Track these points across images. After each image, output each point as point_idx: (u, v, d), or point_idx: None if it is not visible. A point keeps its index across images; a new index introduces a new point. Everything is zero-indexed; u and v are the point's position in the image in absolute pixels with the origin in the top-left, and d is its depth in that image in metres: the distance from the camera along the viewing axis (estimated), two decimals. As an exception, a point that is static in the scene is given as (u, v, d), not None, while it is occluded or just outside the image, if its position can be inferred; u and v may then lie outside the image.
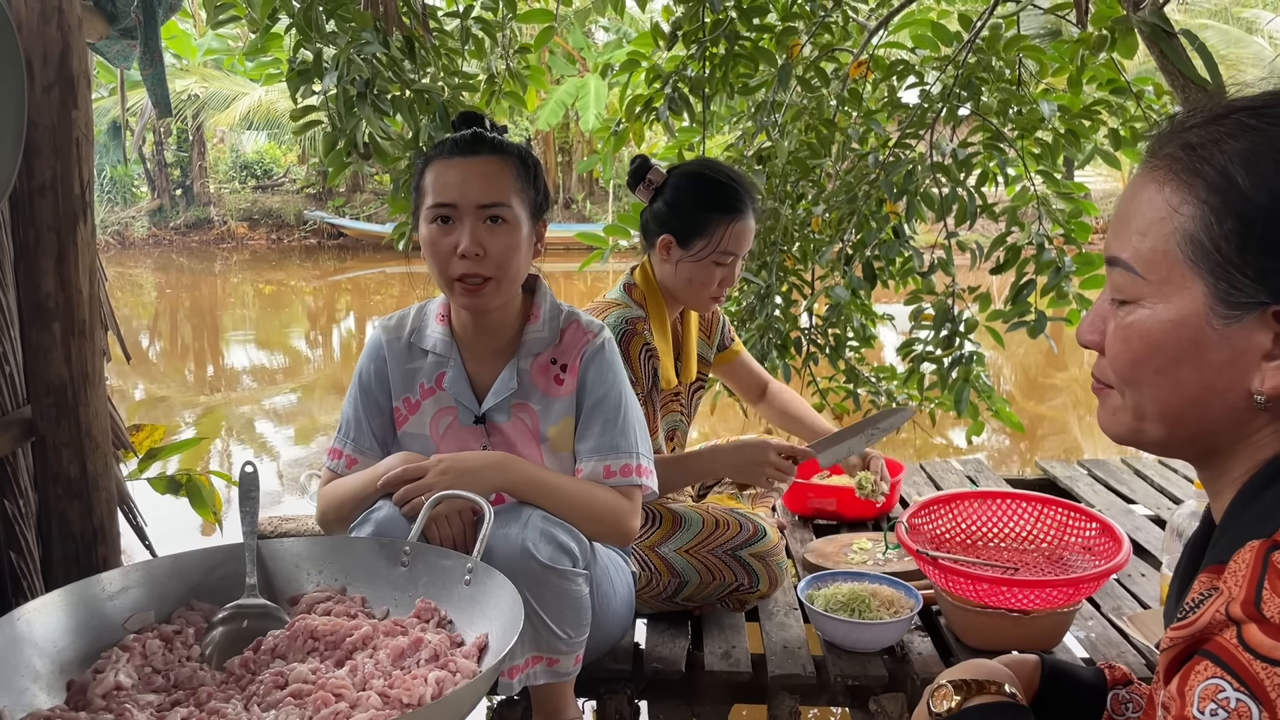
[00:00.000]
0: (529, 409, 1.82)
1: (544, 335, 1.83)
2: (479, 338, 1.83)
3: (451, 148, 1.72)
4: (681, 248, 2.26)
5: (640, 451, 1.82)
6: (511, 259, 1.72)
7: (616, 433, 1.80)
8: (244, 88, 19.12)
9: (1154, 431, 0.90)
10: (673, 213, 2.28)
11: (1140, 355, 0.87)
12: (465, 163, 1.70)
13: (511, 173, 1.72)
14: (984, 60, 3.37)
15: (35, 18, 1.89)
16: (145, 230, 21.15)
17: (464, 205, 1.69)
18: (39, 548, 2.06)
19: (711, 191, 2.26)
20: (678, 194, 2.29)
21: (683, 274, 2.28)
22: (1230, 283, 0.81)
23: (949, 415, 3.68)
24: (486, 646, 1.39)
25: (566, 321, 1.85)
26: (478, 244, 1.68)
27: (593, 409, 1.81)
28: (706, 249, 2.25)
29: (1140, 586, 2.41)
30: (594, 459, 1.79)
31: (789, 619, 2.24)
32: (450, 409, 1.83)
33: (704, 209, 2.25)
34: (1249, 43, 16.36)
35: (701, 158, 3.40)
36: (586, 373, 1.81)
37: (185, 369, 9.62)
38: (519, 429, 1.82)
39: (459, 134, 1.74)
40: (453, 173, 1.70)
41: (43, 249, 1.94)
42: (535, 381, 1.82)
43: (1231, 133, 0.82)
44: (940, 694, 1.05)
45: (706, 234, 2.24)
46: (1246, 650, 0.72)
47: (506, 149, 1.74)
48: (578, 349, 1.82)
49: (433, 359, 1.85)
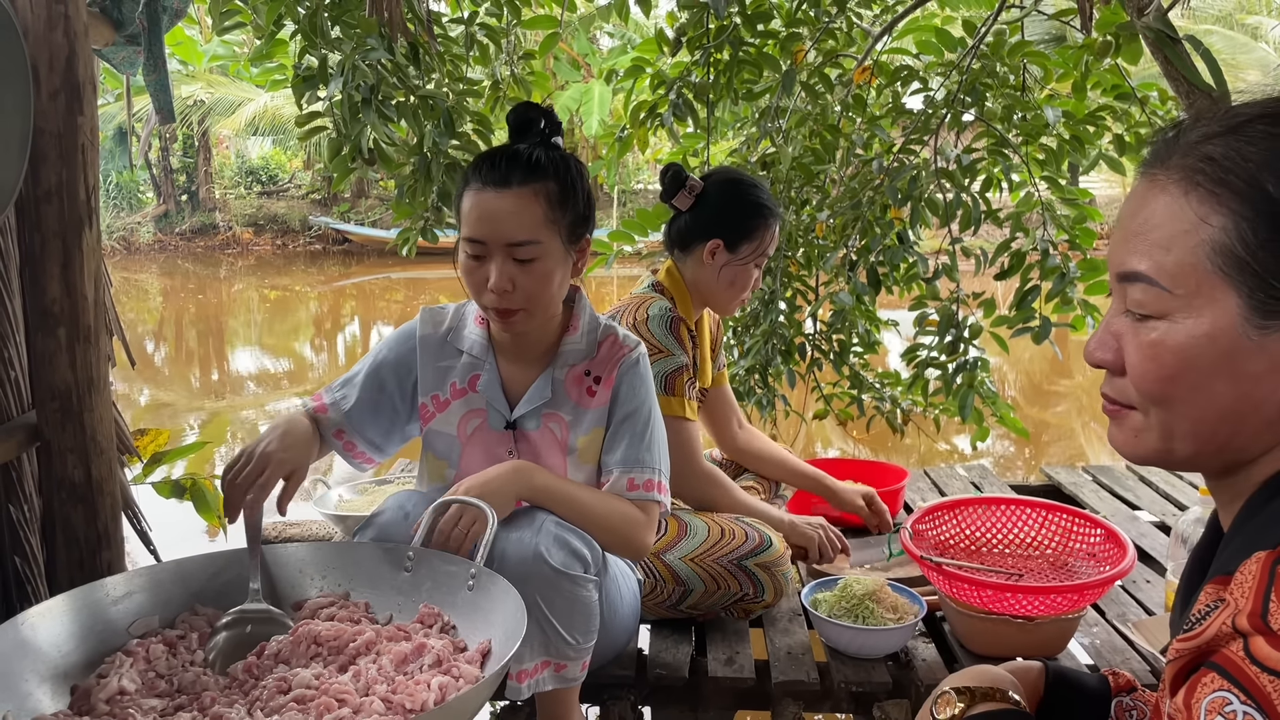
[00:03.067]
0: (559, 419, 1.82)
1: (581, 347, 1.84)
2: (516, 346, 1.83)
3: (487, 173, 1.68)
4: (729, 251, 2.37)
5: (661, 469, 1.83)
6: (542, 293, 1.71)
7: (642, 447, 1.81)
8: (250, 93, 19.18)
9: (1183, 450, 0.88)
10: (722, 218, 2.38)
11: (1172, 371, 0.85)
12: (497, 197, 1.66)
13: (544, 203, 1.68)
14: (988, 66, 3.38)
15: (41, 24, 1.90)
16: (151, 235, 21.20)
17: (493, 243, 1.67)
18: (43, 553, 2.06)
19: (758, 197, 2.39)
20: (725, 199, 2.39)
21: (726, 277, 2.38)
22: (1267, 292, 0.80)
23: (954, 421, 3.68)
24: (490, 652, 1.39)
25: (604, 334, 1.86)
26: (507, 280, 1.67)
27: (622, 421, 1.82)
28: (754, 251, 2.38)
29: (1145, 593, 2.40)
30: (619, 471, 1.80)
31: (793, 625, 2.24)
32: (480, 411, 1.84)
33: (753, 214, 2.37)
34: (1254, 48, 16.35)
35: (722, 165, 3.41)
36: (620, 386, 1.82)
37: (191, 374, 9.63)
38: (547, 438, 1.82)
39: (496, 155, 1.71)
40: (484, 206, 1.67)
41: (48, 255, 1.94)
42: (569, 392, 1.82)
43: (1253, 142, 0.82)
44: (943, 701, 1.04)
45: (755, 238, 2.38)
46: (1253, 663, 0.71)
47: (542, 172, 1.69)
48: (614, 362, 1.83)
49: (467, 360, 1.85)
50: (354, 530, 1.81)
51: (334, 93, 2.65)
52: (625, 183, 20.89)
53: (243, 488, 1.58)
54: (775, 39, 3.47)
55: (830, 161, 3.67)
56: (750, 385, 3.71)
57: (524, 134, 1.77)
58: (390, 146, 2.81)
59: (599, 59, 17.84)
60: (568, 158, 1.75)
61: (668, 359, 2.26)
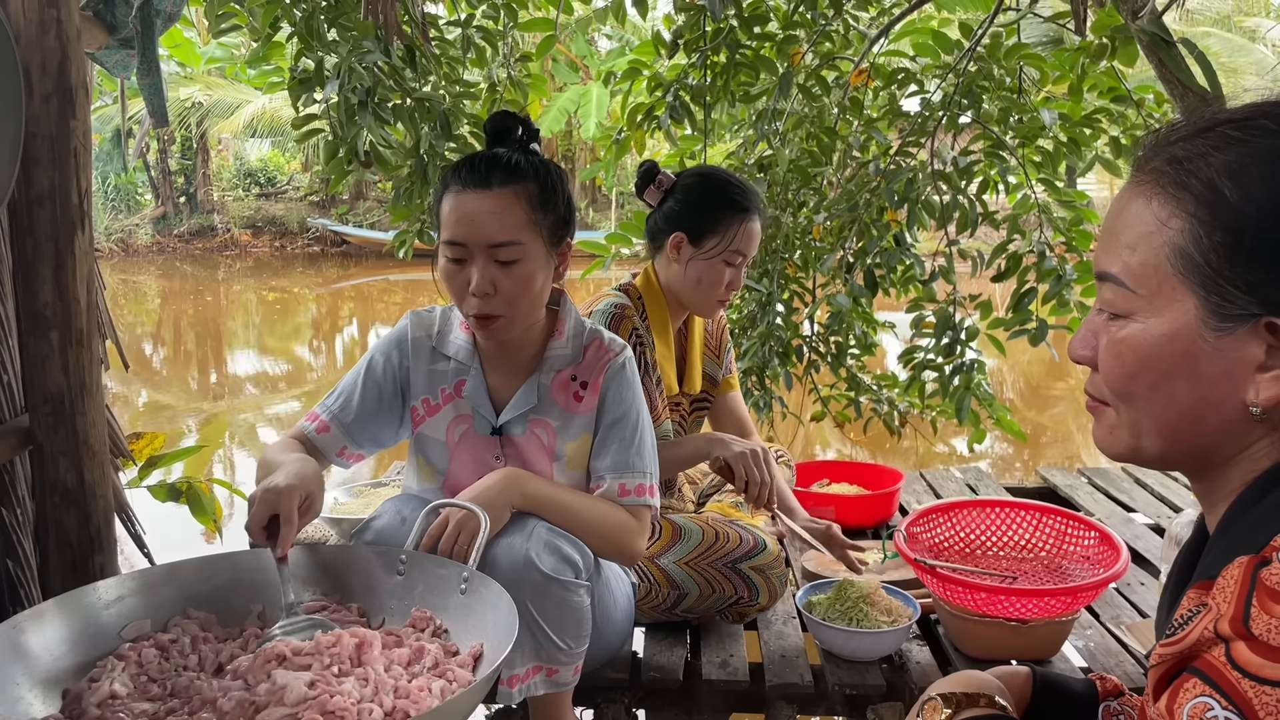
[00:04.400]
0: (546, 424, 1.82)
1: (567, 352, 1.83)
2: (501, 351, 1.83)
3: (467, 175, 1.67)
4: (693, 245, 2.29)
5: (651, 472, 1.83)
6: (523, 296, 1.70)
7: (632, 452, 1.81)
8: (247, 95, 19.18)
9: (1151, 447, 0.90)
10: (685, 211, 2.31)
11: (1133, 370, 0.87)
12: (477, 198, 1.65)
13: (525, 204, 1.67)
14: (985, 68, 3.38)
15: (34, 28, 1.90)
16: (149, 238, 21.20)
17: (474, 245, 1.66)
18: (36, 556, 2.06)
19: (724, 190, 2.30)
20: (690, 192, 2.32)
21: (692, 273, 2.30)
22: (1221, 295, 0.81)
23: (951, 423, 3.68)
24: (482, 655, 1.39)
25: (590, 339, 1.85)
26: (489, 283, 1.66)
27: (611, 426, 1.81)
28: (719, 246, 2.28)
29: (1139, 595, 2.40)
30: (611, 477, 1.79)
31: (787, 628, 2.23)
32: (466, 417, 1.83)
33: (718, 206, 2.28)
34: (1251, 51, 16.35)
35: (707, 165, 3.40)
36: (608, 391, 1.82)
37: (188, 376, 9.63)
38: (533, 443, 1.82)
39: (476, 158, 1.70)
40: (464, 208, 1.66)
41: (41, 258, 1.94)
42: (555, 398, 1.82)
43: (1217, 146, 0.83)
44: (930, 707, 1.04)
45: (719, 231, 2.27)
46: (1235, 668, 0.71)
47: (522, 174, 1.68)
48: (600, 366, 1.82)
49: (455, 365, 1.84)
50: (350, 534, 1.80)
51: (330, 95, 2.65)
52: (624, 185, 20.87)
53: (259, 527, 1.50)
54: (772, 41, 3.48)
55: (827, 164, 3.67)
56: (748, 387, 3.72)
57: (501, 140, 1.76)
58: (387, 149, 2.82)
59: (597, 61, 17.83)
60: (547, 162, 1.75)
61: None
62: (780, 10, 3.56)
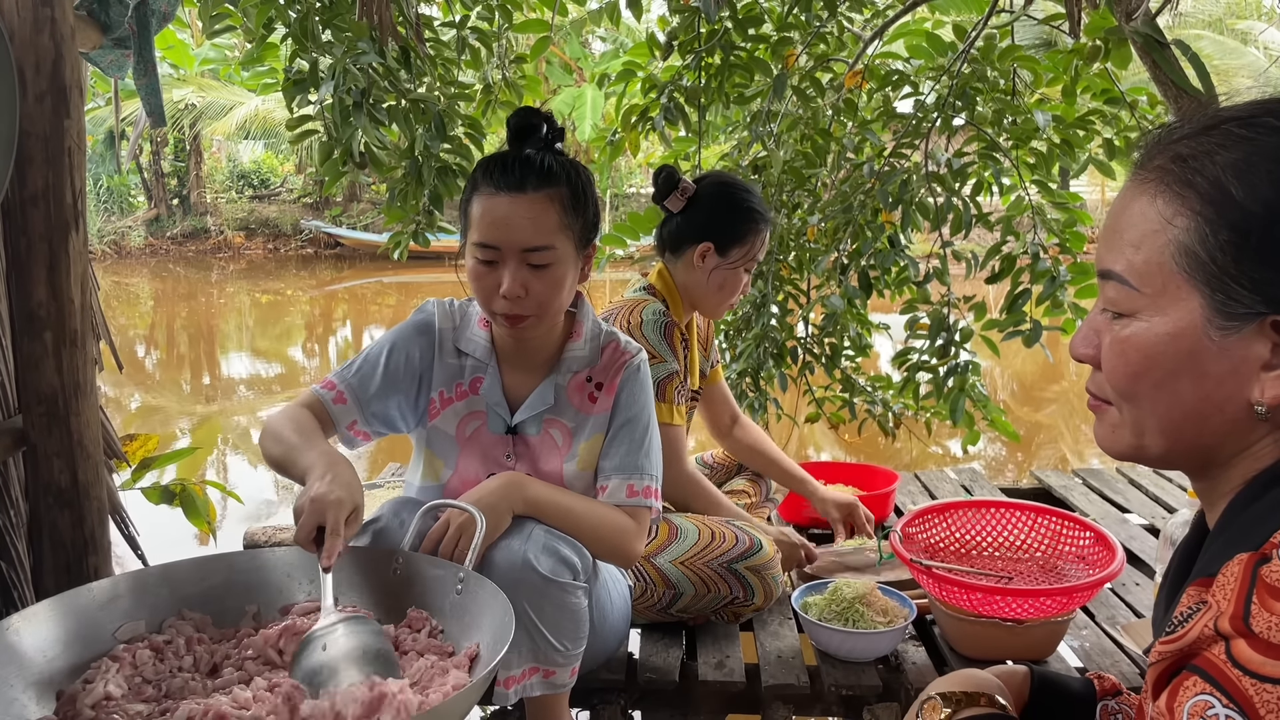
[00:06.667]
0: (561, 425, 1.82)
1: (584, 354, 1.83)
2: (519, 351, 1.82)
3: (500, 177, 1.65)
4: (719, 255, 2.38)
5: (656, 475, 1.84)
6: (554, 298, 1.70)
7: (641, 454, 1.81)
8: (241, 97, 19.15)
9: (1155, 446, 0.89)
10: (714, 222, 2.38)
11: (1138, 369, 0.87)
12: (511, 201, 1.64)
13: (558, 208, 1.66)
14: (979, 70, 3.39)
15: (28, 27, 1.89)
16: (142, 240, 21.14)
17: (507, 248, 1.65)
18: (30, 557, 2.05)
19: (749, 202, 2.40)
20: (719, 204, 2.39)
21: (715, 280, 2.39)
22: (1227, 294, 0.81)
23: (945, 424, 3.68)
24: (478, 656, 1.38)
25: (606, 340, 1.86)
26: (520, 286, 1.65)
27: (621, 427, 1.82)
28: (743, 256, 2.38)
29: (1134, 595, 2.41)
30: (618, 477, 1.80)
31: (783, 628, 2.23)
32: (480, 414, 1.83)
33: (744, 219, 2.38)
34: (1244, 53, 16.41)
35: (715, 169, 3.41)
36: (622, 392, 1.82)
37: (182, 378, 9.60)
38: (546, 443, 1.82)
39: (507, 160, 1.68)
40: (498, 210, 1.64)
41: (34, 258, 1.93)
42: (570, 398, 1.82)
43: (1222, 144, 0.82)
44: (930, 706, 1.04)
45: (745, 242, 2.39)
46: (1235, 666, 0.71)
47: (555, 177, 1.66)
48: (616, 368, 1.83)
49: (472, 362, 1.84)
50: (349, 536, 1.79)
51: (325, 96, 2.64)
52: (618, 186, 20.91)
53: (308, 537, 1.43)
54: (766, 43, 3.48)
55: (821, 165, 3.68)
56: (742, 389, 3.72)
57: (525, 139, 1.73)
58: (381, 150, 2.81)
59: (591, 63, 17.85)
60: (577, 165, 1.74)
61: (660, 365, 2.26)
62: (775, 12, 3.56)
